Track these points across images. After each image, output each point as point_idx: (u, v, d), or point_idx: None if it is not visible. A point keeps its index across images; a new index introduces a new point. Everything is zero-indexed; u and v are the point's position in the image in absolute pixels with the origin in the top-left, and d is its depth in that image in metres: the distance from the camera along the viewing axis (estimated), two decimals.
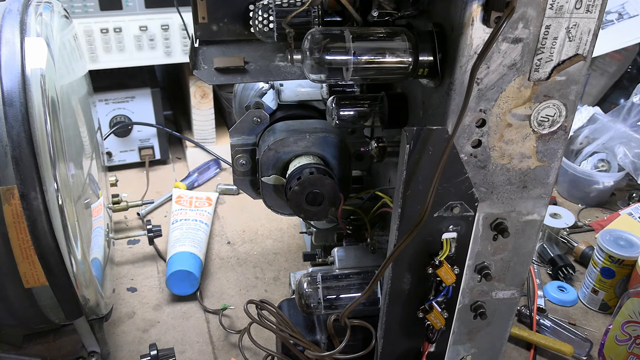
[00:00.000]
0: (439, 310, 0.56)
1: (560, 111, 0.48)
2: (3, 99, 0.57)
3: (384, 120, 0.58)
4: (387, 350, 0.60)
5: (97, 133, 0.92)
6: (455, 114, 0.46)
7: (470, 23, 0.43)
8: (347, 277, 0.65)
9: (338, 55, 0.47)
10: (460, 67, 0.44)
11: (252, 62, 0.59)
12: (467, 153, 0.49)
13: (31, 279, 0.62)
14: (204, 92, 1.28)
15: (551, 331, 0.86)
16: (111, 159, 1.28)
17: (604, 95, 1.45)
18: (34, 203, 0.58)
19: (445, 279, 0.53)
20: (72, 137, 0.69)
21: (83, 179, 0.73)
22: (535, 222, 0.54)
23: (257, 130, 0.67)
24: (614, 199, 1.24)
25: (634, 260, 0.86)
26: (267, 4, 0.57)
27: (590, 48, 0.45)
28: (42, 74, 0.59)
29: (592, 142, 1.21)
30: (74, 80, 0.75)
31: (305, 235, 1.02)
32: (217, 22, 0.61)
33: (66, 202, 0.60)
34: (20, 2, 0.65)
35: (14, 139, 0.57)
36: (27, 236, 0.59)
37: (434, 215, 0.51)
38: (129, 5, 1.11)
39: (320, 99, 0.71)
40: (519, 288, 0.58)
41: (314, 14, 0.55)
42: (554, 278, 0.99)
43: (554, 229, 1.04)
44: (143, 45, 1.16)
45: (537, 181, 0.52)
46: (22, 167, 0.57)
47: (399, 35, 0.48)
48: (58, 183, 0.59)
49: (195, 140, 1.33)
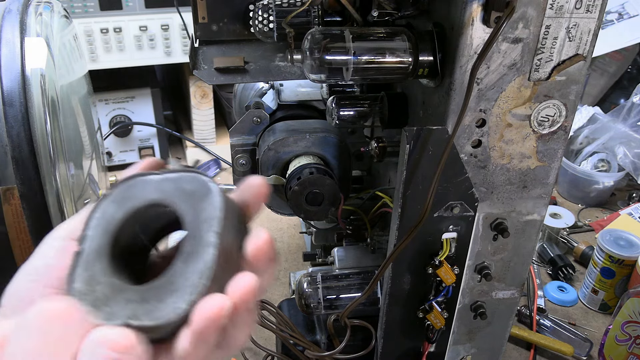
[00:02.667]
0: (439, 310, 0.56)
1: (560, 111, 0.48)
2: (3, 99, 0.57)
3: (384, 120, 0.58)
4: (387, 350, 0.60)
5: (97, 133, 0.92)
6: (455, 114, 0.46)
7: (470, 23, 0.43)
8: (347, 277, 0.65)
9: (338, 55, 0.47)
10: (460, 67, 0.44)
11: (252, 62, 0.59)
12: (467, 153, 0.49)
13: None
14: (204, 92, 1.28)
15: (551, 331, 0.86)
16: (111, 159, 1.28)
17: (604, 95, 1.45)
18: (34, 203, 0.58)
19: (445, 279, 0.53)
20: (72, 137, 0.68)
21: (83, 179, 0.73)
22: (535, 222, 0.54)
23: (257, 130, 0.67)
24: (614, 199, 1.24)
25: (634, 260, 0.86)
26: (267, 4, 0.57)
27: (590, 48, 0.45)
28: (42, 74, 0.59)
29: (592, 142, 1.21)
30: (74, 80, 0.75)
31: (305, 235, 1.02)
32: (217, 22, 0.61)
33: (66, 202, 0.60)
34: (20, 2, 0.65)
35: (14, 139, 0.57)
36: (27, 236, 0.59)
37: (434, 215, 0.51)
38: (129, 5, 1.11)
39: (320, 99, 0.71)
40: (519, 288, 0.58)
41: (314, 14, 0.55)
42: (554, 278, 0.99)
43: (554, 229, 1.04)
44: (143, 45, 1.16)
45: (537, 181, 0.52)
46: (22, 167, 0.57)
47: (399, 35, 0.48)
48: (58, 183, 0.59)
49: (195, 140, 1.33)
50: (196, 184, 0.32)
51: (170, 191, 0.32)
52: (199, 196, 0.32)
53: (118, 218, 0.32)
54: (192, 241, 0.31)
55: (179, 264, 0.30)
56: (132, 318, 0.29)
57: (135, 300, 0.30)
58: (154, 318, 0.29)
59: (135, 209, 0.32)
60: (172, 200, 0.32)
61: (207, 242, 0.30)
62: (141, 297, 0.30)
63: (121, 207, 0.33)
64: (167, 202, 0.32)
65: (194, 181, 0.32)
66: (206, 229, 0.31)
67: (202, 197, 0.32)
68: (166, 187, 0.33)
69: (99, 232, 0.32)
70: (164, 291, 0.30)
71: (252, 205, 0.35)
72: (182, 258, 0.30)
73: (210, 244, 0.30)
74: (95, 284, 0.31)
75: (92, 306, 0.30)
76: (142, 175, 0.33)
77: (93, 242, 0.32)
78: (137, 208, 0.32)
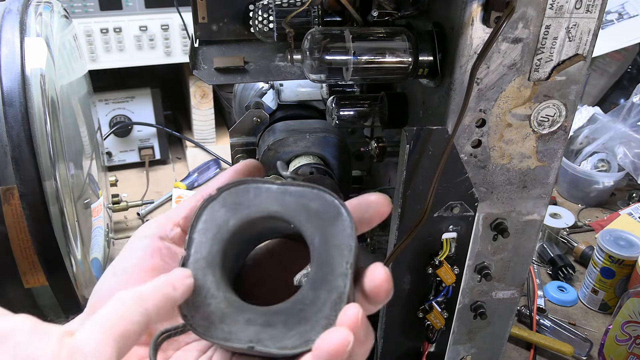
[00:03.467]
0: (439, 310, 0.56)
1: (560, 111, 0.48)
2: (3, 99, 0.57)
3: (384, 120, 0.58)
4: (387, 350, 0.60)
5: (97, 133, 0.92)
6: (455, 114, 0.46)
7: (470, 23, 0.43)
8: None
9: (338, 55, 0.47)
10: (460, 67, 0.44)
11: (252, 62, 0.59)
12: (467, 153, 0.49)
13: (31, 279, 0.62)
14: (204, 92, 1.28)
15: (551, 331, 0.86)
16: (111, 159, 1.28)
17: (604, 95, 1.45)
18: (33, 203, 0.58)
19: (445, 279, 0.53)
20: (72, 137, 0.69)
21: (83, 179, 0.73)
22: (535, 222, 0.54)
23: (257, 130, 0.67)
24: (614, 199, 1.24)
25: (634, 260, 0.86)
26: (267, 4, 0.56)
27: (590, 48, 0.45)
28: (42, 74, 0.59)
29: (592, 142, 1.21)
30: (74, 80, 0.75)
31: None
32: (217, 22, 0.61)
33: (66, 202, 0.60)
34: (20, 2, 0.65)
35: (14, 139, 0.57)
36: (27, 236, 0.59)
37: (434, 215, 0.51)
38: (129, 5, 1.11)
39: (320, 99, 0.71)
40: (519, 288, 0.58)
41: (314, 14, 0.55)
42: (554, 278, 0.99)
43: (554, 229, 1.04)
44: (143, 45, 1.16)
45: (537, 181, 0.52)
46: (22, 167, 0.57)
47: (398, 35, 0.48)
48: (58, 183, 0.59)
49: (195, 140, 1.33)
50: (322, 203, 0.30)
51: (293, 206, 0.30)
52: (328, 218, 0.30)
53: (230, 225, 0.30)
54: (322, 268, 0.29)
55: (308, 291, 0.28)
56: (255, 342, 0.27)
57: (258, 323, 0.28)
58: (281, 347, 0.27)
59: (251, 218, 0.30)
60: (296, 217, 0.30)
61: (340, 272, 0.28)
62: (265, 321, 0.28)
63: (234, 214, 0.30)
64: (290, 219, 0.30)
65: (320, 199, 0.30)
66: (338, 257, 0.29)
67: (331, 219, 0.30)
68: (288, 201, 0.30)
69: (209, 238, 0.30)
70: (293, 318, 0.28)
71: (369, 223, 0.32)
72: (311, 285, 0.29)
73: (344, 275, 0.28)
74: (208, 296, 0.29)
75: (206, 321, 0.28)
76: (255, 182, 0.31)
77: (202, 249, 0.30)
78: (252, 218, 0.30)
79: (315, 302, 0.28)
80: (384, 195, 0.33)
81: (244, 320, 0.28)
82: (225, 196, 0.31)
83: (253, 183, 0.31)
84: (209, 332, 0.28)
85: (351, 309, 0.28)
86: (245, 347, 0.27)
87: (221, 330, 0.28)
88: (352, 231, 0.29)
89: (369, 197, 0.33)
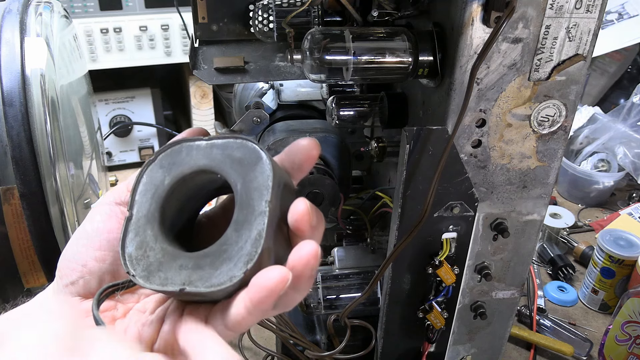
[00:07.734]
0: (439, 310, 0.56)
1: (560, 111, 0.48)
2: (3, 99, 0.57)
3: (384, 120, 0.58)
4: (387, 350, 0.60)
5: (97, 133, 0.92)
6: (455, 114, 0.46)
7: (470, 23, 0.43)
8: (347, 277, 0.65)
9: (338, 55, 0.47)
10: (460, 67, 0.44)
11: (252, 62, 0.59)
12: (467, 153, 0.49)
13: (31, 279, 0.62)
14: (204, 92, 1.28)
15: (551, 331, 0.86)
16: (111, 159, 1.28)
17: (604, 95, 1.45)
18: (34, 203, 0.58)
19: (445, 279, 0.53)
20: (72, 137, 0.69)
21: (83, 179, 0.73)
22: (535, 222, 0.54)
23: (257, 130, 0.67)
24: (614, 199, 1.24)
25: (634, 260, 0.86)
26: (267, 4, 0.56)
27: (590, 48, 0.45)
28: (42, 74, 0.59)
29: (592, 142, 1.21)
30: (74, 80, 0.75)
31: None
32: (217, 22, 0.61)
33: (66, 202, 0.60)
34: (20, 2, 0.65)
35: (14, 139, 0.57)
36: (27, 236, 0.59)
37: (434, 215, 0.51)
38: (129, 5, 1.11)
39: (320, 99, 0.71)
40: (519, 288, 0.58)
41: (314, 14, 0.55)
42: (554, 278, 0.99)
43: (554, 229, 1.04)
44: (143, 45, 1.16)
45: (537, 181, 0.52)
46: (22, 167, 0.57)
47: (398, 35, 0.48)
48: (58, 183, 0.59)
49: None
50: (245, 150, 0.32)
51: (219, 158, 0.32)
52: (249, 164, 0.32)
53: (166, 184, 0.33)
54: (243, 210, 0.31)
55: (232, 233, 0.30)
56: (187, 284, 0.30)
57: (189, 267, 0.30)
58: (209, 285, 0.29)
59: (184, 175, 0.33)
60: (221, 168, 0.32)
61: (259, 211, 0.30)
62: (195, 264, 0.30)
63: (169, 173, 0.33)
64: (216, 169, 0.32)
65: (242, 148, 0.32)
66: (257, 198, 0.31)
67: (251, 164, 0.32)
68: (214, 154, 0.33)
69: (148, 198, 0.32)
70: (218, 259, 0.30)
71: (300, 167, 0.35)
72: (234, 227, 0.31)
73: (262, 213, 0.30)
74: (147, 249, 0.31)
75: (146, 272, 0.30)
76: (187, 141, 0.33)
77: (142, 208, 0.32)
78: (185, 174, 0.33)
79: (237, 241, 0.30)
80: (313, 139, 0.34)
81: (177, 266, 0.31)
82: (162, 158, 0.33)
83: (185, 142, 0.33)
84: (148, 281, 0.30)
85: (307, 245, 0.30)
86: (177, 289, 0.30)
87: (158, 277, 0.30)
88: (271, 173, 0.31)
89: (299, 142, 0.35)
